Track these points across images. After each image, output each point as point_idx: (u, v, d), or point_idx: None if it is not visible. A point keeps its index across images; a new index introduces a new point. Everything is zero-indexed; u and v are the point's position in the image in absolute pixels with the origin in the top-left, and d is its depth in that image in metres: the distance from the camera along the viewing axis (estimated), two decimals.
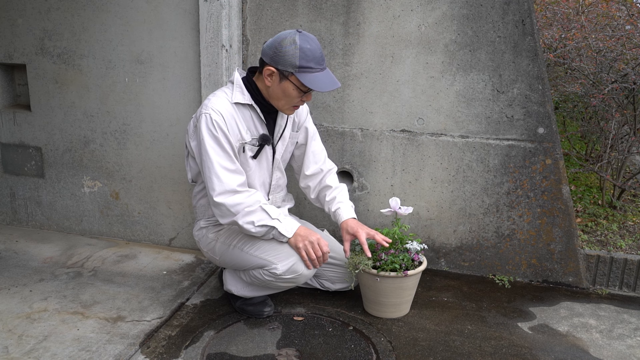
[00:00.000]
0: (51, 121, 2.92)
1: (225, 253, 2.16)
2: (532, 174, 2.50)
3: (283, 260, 2.04)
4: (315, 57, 1.97)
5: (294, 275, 2.05)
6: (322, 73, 2.00)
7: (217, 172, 1.98)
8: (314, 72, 1.97)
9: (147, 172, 2.84)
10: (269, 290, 2.20)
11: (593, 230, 2.81)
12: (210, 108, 2.00)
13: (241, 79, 2.10)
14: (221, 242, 2.18)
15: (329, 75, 2.02)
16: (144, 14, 2.63)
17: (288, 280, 2.07)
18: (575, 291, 2.53)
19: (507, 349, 2.05)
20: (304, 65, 1.95)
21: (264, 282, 2.11)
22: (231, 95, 2.06)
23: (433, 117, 2.55)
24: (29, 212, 3.11)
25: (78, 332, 2.08)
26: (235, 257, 2.14)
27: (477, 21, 2.41)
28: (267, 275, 2.07)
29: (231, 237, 2.16)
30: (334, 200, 2.26)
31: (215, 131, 1.98)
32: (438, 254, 2.70)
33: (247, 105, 2.09)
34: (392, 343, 2.06)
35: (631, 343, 2.11)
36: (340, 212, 2.22)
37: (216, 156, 1.99)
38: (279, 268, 2.03)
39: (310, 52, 1.95)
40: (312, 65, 1.96)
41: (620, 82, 2.89)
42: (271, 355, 1.96)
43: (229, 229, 2.19)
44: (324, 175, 2.31)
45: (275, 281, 2.08)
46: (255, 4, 2.61)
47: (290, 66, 1.95)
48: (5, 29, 2.85)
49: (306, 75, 1.96)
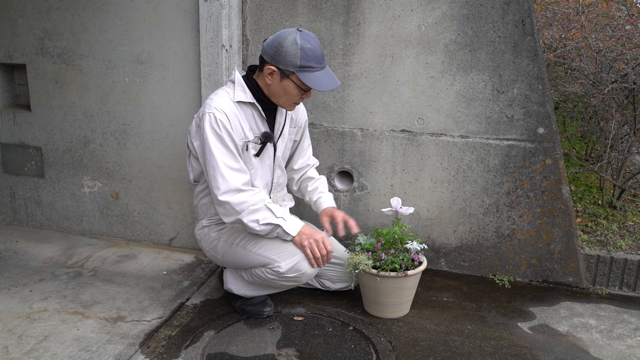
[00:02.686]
0: (51, 121, 2.92)
1: (228, 252, 2.16)
2: (532, 174, 2.50)
3: (287, 258, 2.04)
4: (316, 56, 1.98)
5: (297, 274, 2.05)
6: (322, 72, 2.02)
7: (221, 171, 1.99)
8: (314, 72, 1.99)
9: (147, 172, 2.84)
10: (270, 289, 2.20)
11: (593, 230, 2.81)
12: (214, 107, 2.01)
13: (242, 78, 2.11)
14: (223, 241, 2.18)
15: (329, 74, 2.04)
16: (144, 14, 2.63)
17: (291, 279, 2.07)
18: (575, 291, 2.53)
19: (507, 349, 2.05)
20: (305, 65, 1.97)
21: (266, 281, 2.11)
22: (233, 94, 2.07)
23: (433, 117, 2.55)
24: (29, 212, 3.11)
25: (78, 332, 2.08)
26: (238, 256, 2.14)
27: (477, 21, 2.41)
28: (270, 274, 2.07)
29: (234, 235, 2.16)
30: (315, 190, 2.37)
31: (219, 130, 1.99)
32: (438, 254, 2.70)
33: (248, 103, 2.10)
34: (392, 343, 2.06)
35: (631, 343, 2.11)
36: (322, 200, 2.33)
37: (221, 155, 2.00)
38: (283, 266, 2.03)
39: (311, 51, 1.97)
40: (313, 65, 1.98)
41: (620, 82, 2.89)
42: (271, 355, 1.97)
43: (231, 227, 2.19)
44: (308, 169, 2.42)
45: (278, 280, 2.08)
46: (255, 4, 2.61)
47: (291, 66, 1.97)
48: (5, 29, 2.85)
49: (307, 74, 1.98)
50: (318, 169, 2.63)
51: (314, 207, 2.35)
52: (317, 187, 2.37)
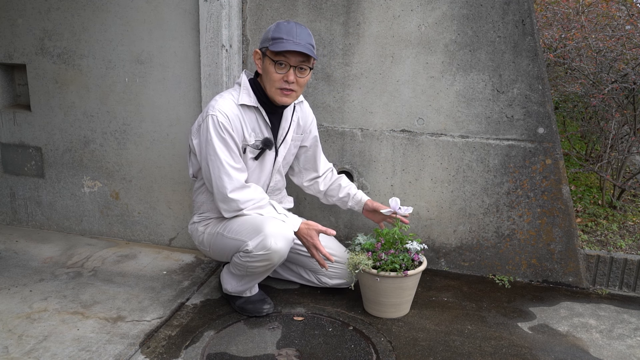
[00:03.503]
0: (51, 121, 2.92)
1: (213, 242, 2.22)
2: (532, 174, 2.50)
3: (253, 237, 2.04)
4: (289, 30, 2.00)
5: (264, 252, 2.02)
6: (291, 42, 1.99)
7: (227, 171, 2.05)
8: (283, 42, 1.99)
9: (147, 172, 2.84)
10: (253, 277, 2.17)
11: (593, 230, 2.81)
12: (217, 110, 2.05)
13: (248, 81, 2.14)
14: (208, 233, 2.24)
15: (298, 45, 2.00)
16: (144, 14, 2.63)
17: (261, 257, 2.04)
18: (575, 291, 2.53)
19: (507, 349, 2.05)
20: (276, 36, 2.01)
21: (243, 267, 2.11)
22: (238, 97, 2.11)
23: (433, 117, 2.55)
24: (29, 212, 3.11)
25: (78, 332, 2.08)
26: (219, 244, 2.18)
27: (477, 21, 2.41)
28: (242, 257, 2.08)
29: (216, 226, 2.21)
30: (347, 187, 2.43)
31: (222, 133, 2.04)
32: (438, 254, 2.70)
33: (252, 107, 2.13)
34: (392, 343, 2.06)
35: (631, 343, 2.11)
36: (359, 195, 2.41)
37: (225, 157, 2.06)
38: (250, 244, 2.04)
39: (284, 26, 2.01)
40: (284, 37, 2.00)
41: (620, 82, 2.89)
42: (271, 355, 1.97)
43: (215, 219, 2.23)
44: (331, 171, 2.48)
45: (250, 261, 2.07)
46: (255, 4, 2.61)
47: (265, 41, 2.03)
48: (5, 29, 2.85)
49: (276, 44, 2.00)
50: None
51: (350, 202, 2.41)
52: (348, 185, 2.44)
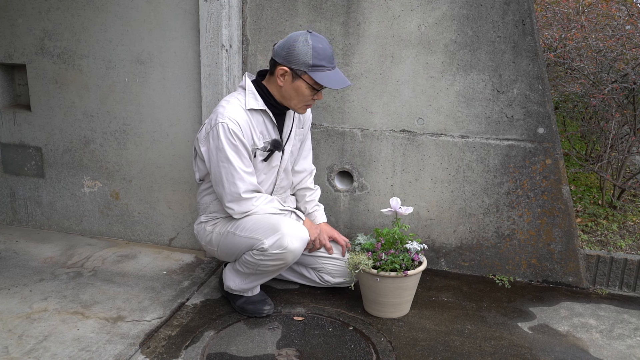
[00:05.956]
0: (51, 121, 2.92)
1: (222, 241, 2.22)
2: (532, 174, 2.50)
3: (269, 235, 2.07)
4: (327, 55, 2.04)
5: (280, 251, 2.06)
6: (333, 71, 2.07)
7: (241, 176, 2.10)
8: (325, 71, 2.05)
9: (147, 172, 2.84)
10: (263, 276, 2.20)
11: (593, 230, 2.81)
12: (227, 117, 2.06)
13: (252, 84, 2.15)
14: (217, 232, 2.24)
15: (339, 74, 2.09)
16: (144, 14, 2.63)
17: (276, 256, 2.07)
18: (575, 291, 2.53)
19: (507, 349, 2.05)
20: (317, 63, 2.02)
21: (255, 265, 2.12)
22: (244, 102, 2.12)
23: (433, 117, 2.55)
24: (29, 212, 3.11)
25: (78, 332, 2.08)
26: (229, 243, 2.19)
27: (477, 21, 2.41)
28: (256, 255, 2.09)
29: (225, 225, 2.22)
30: (312, 202, 2.48)
31: (234, 140, 2.07)
32: (438, 254, 2.70)
33: (260, 110, 2.15)
34: (392, 343, 2.06)
35: (631, 343, 2.11)
36: (317, 215, 2.47)
37: (238, 163, 2.09)
38: (266, 243, 2.06)
39: (322, 51, 2.03)
40: (325, 64, 2.03)
41: (620, 82, 2.89)
42: (271, 355, 1.97)
43: (224, 219, 2.24)
44: (306, 176, 2.48)
45: (264, 259, 2.09)
46: (255, 4, 2.61)
47: (303, 65, 2.02)
48: (5, 29, 2.85)
49: (319, 73, 2.03)
50: (318, 169, 2.64)
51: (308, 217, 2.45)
52: (314, 199, 2.49)
